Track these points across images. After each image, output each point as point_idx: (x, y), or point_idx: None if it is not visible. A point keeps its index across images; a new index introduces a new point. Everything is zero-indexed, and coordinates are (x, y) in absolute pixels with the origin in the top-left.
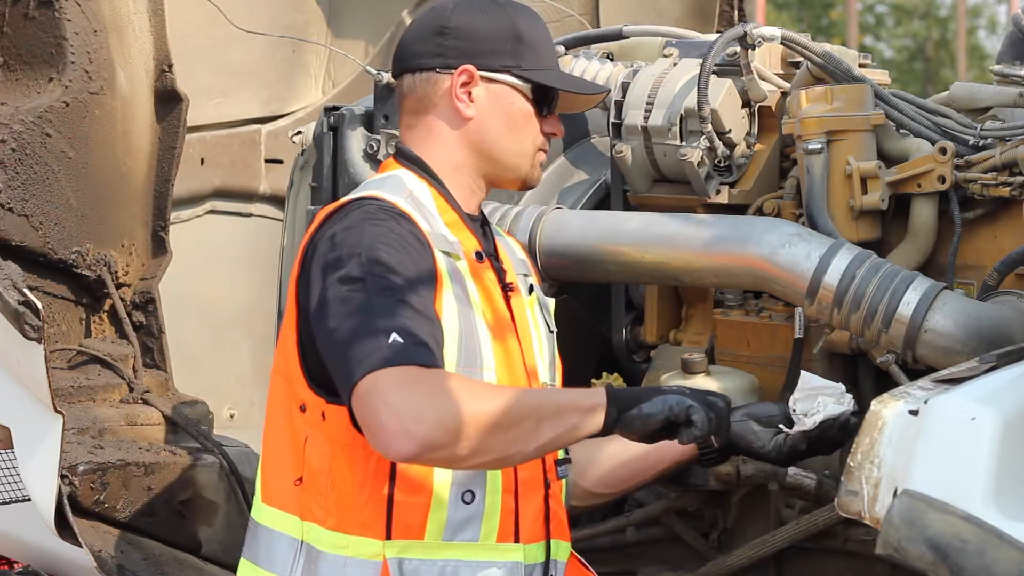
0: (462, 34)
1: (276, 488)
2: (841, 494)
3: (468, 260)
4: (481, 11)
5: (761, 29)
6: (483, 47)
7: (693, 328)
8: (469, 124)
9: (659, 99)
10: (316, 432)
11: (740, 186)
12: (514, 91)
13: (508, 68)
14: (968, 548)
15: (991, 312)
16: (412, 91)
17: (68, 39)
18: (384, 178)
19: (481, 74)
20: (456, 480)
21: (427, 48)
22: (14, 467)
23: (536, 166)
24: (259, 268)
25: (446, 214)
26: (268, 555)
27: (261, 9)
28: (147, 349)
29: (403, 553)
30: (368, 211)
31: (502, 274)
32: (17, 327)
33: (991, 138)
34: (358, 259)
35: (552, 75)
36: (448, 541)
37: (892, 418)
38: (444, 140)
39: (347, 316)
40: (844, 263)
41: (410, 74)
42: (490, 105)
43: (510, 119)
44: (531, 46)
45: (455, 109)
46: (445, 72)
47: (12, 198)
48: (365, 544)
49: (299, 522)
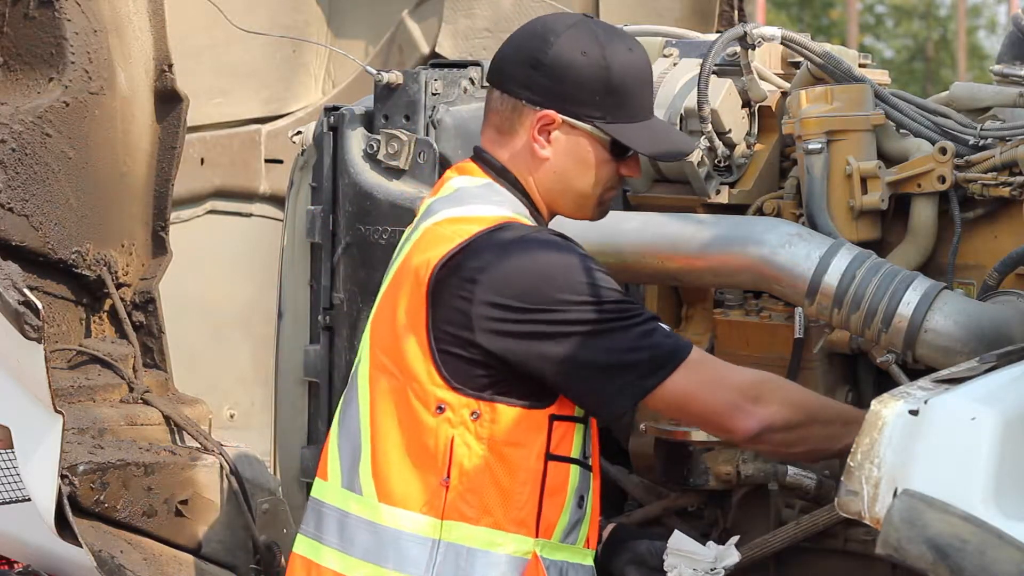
0: (554, 75)
1: (404, 488)
2: (841, 494)
3: None
4: (582, 53)
5: (761, 29)
6: (571, 93)
7: (693, 328)
8: (544, 163)
9: (659, 99)
10: (464, 432)
11: (740, 186)
12: (592, 140)
13: (591, 118)
14: (968, 548)
15: (991, 312)
16: (499, 109)
17: (68, 39)
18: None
19: (563, 118)
20: (576, 485)
21: (519, 74)
22: (14, 467)
23: (602, 204)
24: (259, 268)
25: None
26: (397, 556)
27: (261, 9)
28: (147, 349)
29: (543, 551)
30: (533, 230)
31: None
32: (17, 327)
33: (991, 138)
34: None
35: (634, 131)
36: (561, 543)
37: (892, 418)
38: (520, 166)
39: (602, 343)
40: (844, 263)
41: (499, 92)
42: (567, 149)
43: (584, 165)
44: (621, 97)
45: (533, 147)
46: (529, 107)
47: (12, 198)
48: (520, 541)
49: (437, 522)
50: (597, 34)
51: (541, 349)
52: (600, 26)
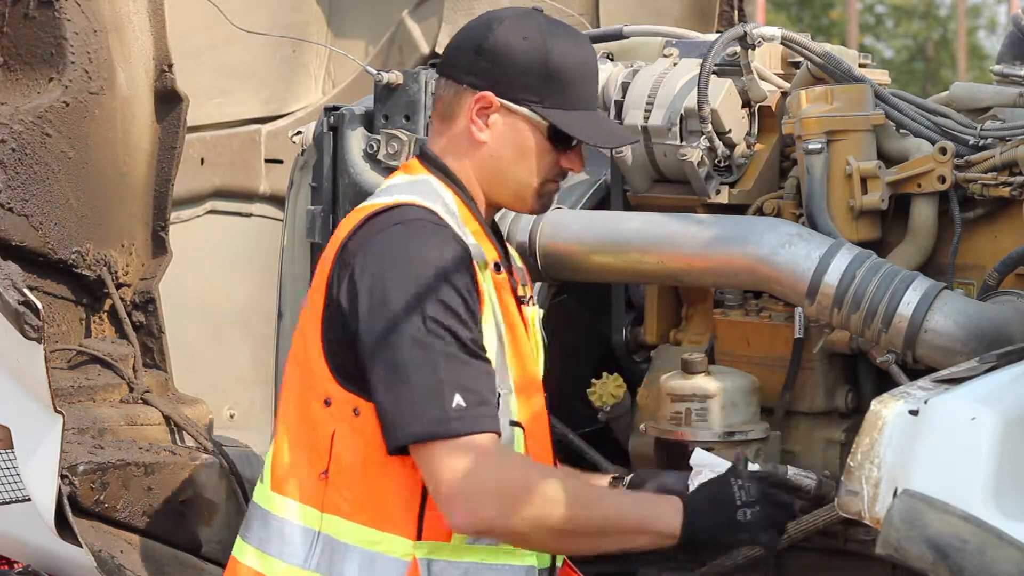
0: (495, 58)
1: (292, 478)
2: (841, 494)
3: (491, 272)
4: (523, 38)
5: (761, 29)
6: (510, 76)
7: (693, 328)
8: (482, 147)
9: (659, 99)
10: (346, 427)
11: (740, 186)
12: (530, 125)
13: (529, 102)
14: (968, 548)
15: (991, 312)
16: (442, 96)
17: (68, 39)
18: (415, 181)
19: (501, 102)
20: None
21: (463, 60)
22: (14, 467)
23: (542, 196)
24: (259, 268)
25: (470, 223)
26: (281, 543)
27: (261, 9)
28: (147, 349)
29: (432, 554)
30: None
31: (515, 285)
32: (17, 327)
33: (991, 138)
34: (415, 295)
35: (573, 118)
36: (472, 545)
37: (892, 418)
38: (461, 154)
39: (407, 359)
40: (844, 263)
41: (445, 79)
42: (504, 134)
43: (522, 151)
44: (562, 83)
45: (471, 131)
46: (469, 91)
47: (12, 198)
48: (396, 542)
49: (318, 514)
50: (542, 23)
51: (372, 348)
52: (548, 19)
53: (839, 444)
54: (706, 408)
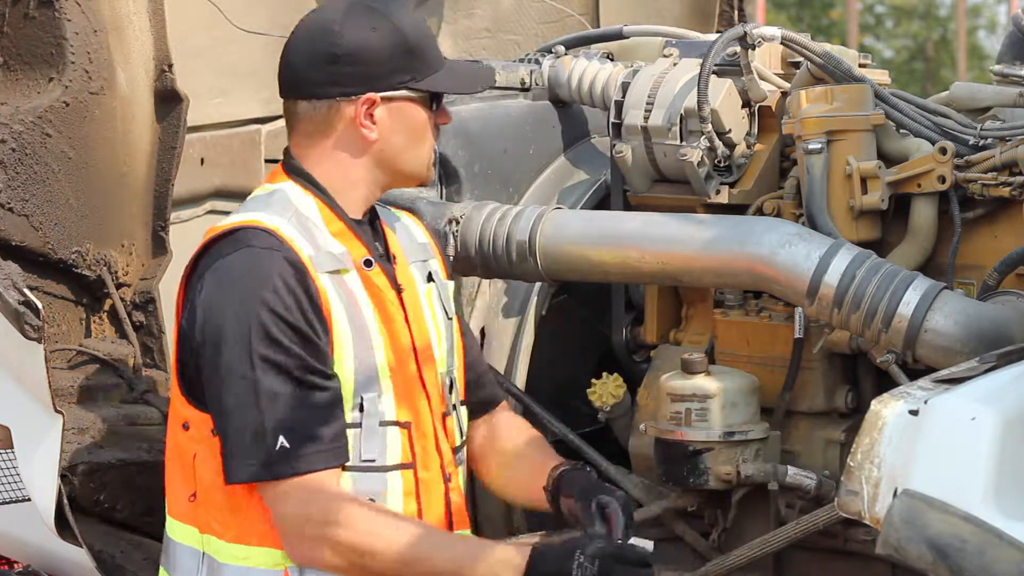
0: (356, 60)
1: (175, 502)
2: (841, 494)
3: (357, 269)
4: (371, 29)
5: (761, 29)
6: (379, 69)
7: (693, 328)
8: (373, 145)
9: (659, 99)
10: (204, 448)
11: (740, 186)
12: (412, 103)
13: (404, 84)
14: (968, 548)
15: (991, 312)
16: (309, 117)
17: (68, 39)
18: (270, 194)
19: (381, 95)
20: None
21: (322, 76)
22: (14, 467)
23: (431, 165)
24: None
25: (332, 224)
26: (178, 566)
27: (261, 9)
28: (147, 349)
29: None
30: (246, 257)
31: (392, 275)
32: (17, 327)
33: (991, 138)
34: (243, 335)
35: (442, 78)
36: None
37: (892, 418)
38: (342, 162)
39: (235, 401)
40: (844, 263)
41: (305, 101)
42: (392, 123)
43: (412, 132)
44: (421, 53)
45: (359, 135)
46: (346, 100)
47: (12, 198)
48: (266, 554)
49: (199, 535)
50: (374, 6)
51: (209, 379)
52: (370, 2)
53: (839, 444)
54: (706, 408)
